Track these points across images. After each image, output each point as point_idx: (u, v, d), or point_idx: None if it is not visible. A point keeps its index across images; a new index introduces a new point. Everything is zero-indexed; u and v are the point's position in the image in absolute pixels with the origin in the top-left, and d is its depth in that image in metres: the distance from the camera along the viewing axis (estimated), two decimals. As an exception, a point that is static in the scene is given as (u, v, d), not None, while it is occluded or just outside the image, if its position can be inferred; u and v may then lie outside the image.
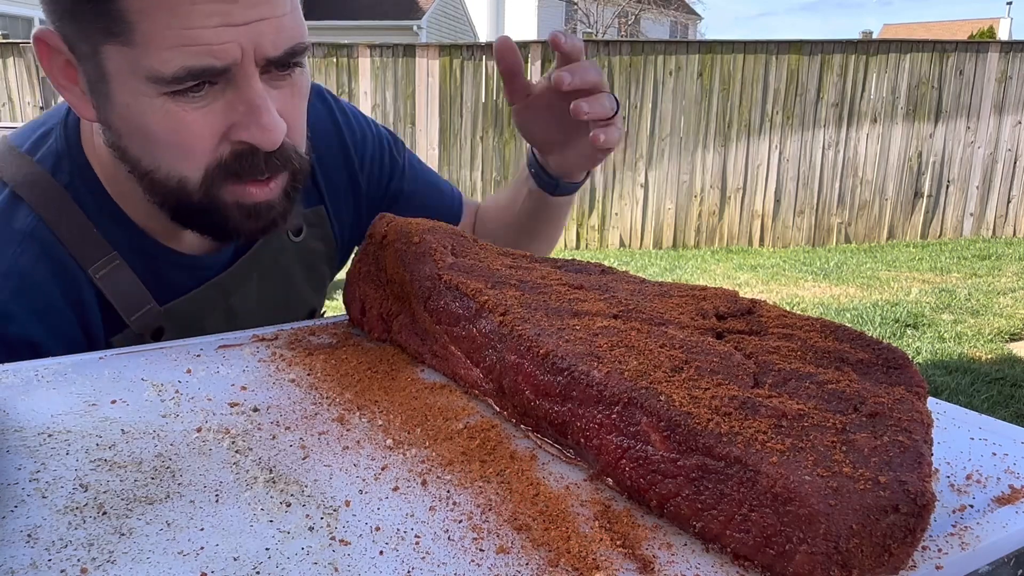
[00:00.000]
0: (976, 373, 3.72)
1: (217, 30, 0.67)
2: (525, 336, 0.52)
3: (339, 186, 1.01)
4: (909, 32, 35.22)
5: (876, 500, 0.37)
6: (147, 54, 0.68)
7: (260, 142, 0.72)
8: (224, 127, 0.72)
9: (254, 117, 0.71)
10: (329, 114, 1.01)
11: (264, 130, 0.71)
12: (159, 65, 0.68)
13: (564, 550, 0.40)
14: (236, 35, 0.68)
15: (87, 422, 0.54)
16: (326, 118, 1.00)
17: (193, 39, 0.67)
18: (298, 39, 0.73)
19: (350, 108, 1.06)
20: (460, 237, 0.71)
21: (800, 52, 6.96)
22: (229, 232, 0.79)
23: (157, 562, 0.39)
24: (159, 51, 0.68)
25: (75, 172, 0.82)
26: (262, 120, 0.71)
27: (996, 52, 7.13)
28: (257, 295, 0.92)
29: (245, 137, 0.72)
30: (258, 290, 0.92)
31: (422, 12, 16.92)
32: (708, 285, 0.63)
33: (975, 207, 7.37)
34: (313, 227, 0.97)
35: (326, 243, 1.00)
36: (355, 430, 0.53)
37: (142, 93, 0.70)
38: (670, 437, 0.42)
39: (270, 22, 0.70)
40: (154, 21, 0.67)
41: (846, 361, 0.49)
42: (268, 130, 0.72)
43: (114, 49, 0.69)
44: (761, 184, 7.15)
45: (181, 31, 0.67)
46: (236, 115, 0.72)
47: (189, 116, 0.71)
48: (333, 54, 6.88)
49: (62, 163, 0.82)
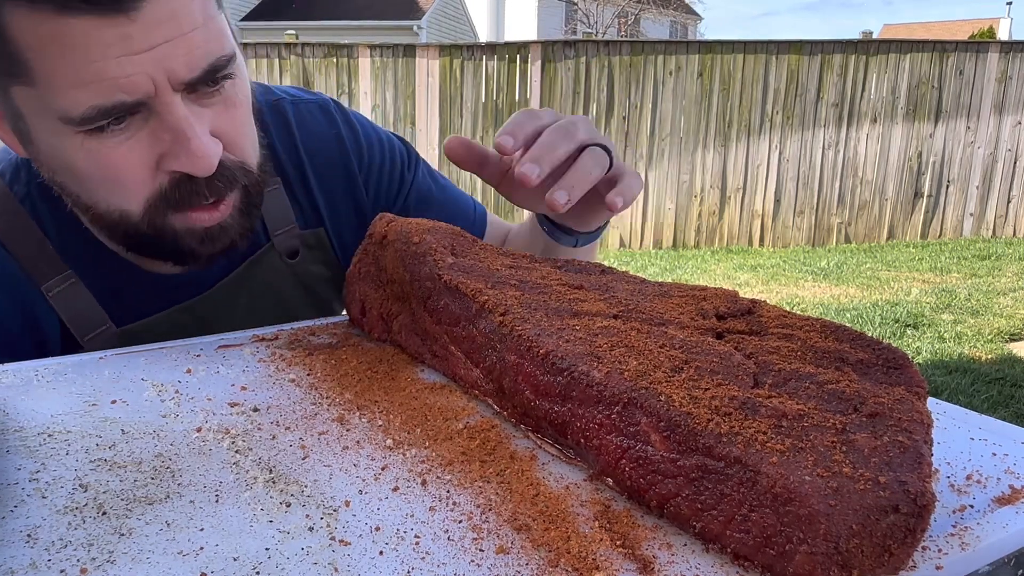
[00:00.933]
0: (976, 373, 3.72)
1: (119, 61, 0.62)
2: (525, 336, 0.52)
3: (340, 205, 0.95)
4: (909, 32, 35.22)
5: (876, 500, 0.37)
6: (52, 94, 0.63)
7: (193, 170, 0.68)
8: (154, 158, 0.68)
9: (182, 146, 0.67)
10: (331, 126, 0.96)
11: (195, 157, 0.67)
12: (67, 106, 0.63)
13: (564, 550, 0.40)
14: (142, 64, 0.63)
15: (87, 422, 0.54)
16: (327, 132, 0.95)
17: (95, 74, 0.62)
18: (216, 54, 0.67)
19: (358, 119, 1.00)
20: (460, 237, 0.70)
21: (800, 52, 6.96)
22: (186, 256, 0.75)
23: (157, 562, 0.39)
24: (63, 90, 0.62)
25: (33, 185, 0.78)
26: (191, 147, 0.66)
27: (996, 52, 7.14)
28: (246, 318, 0.86)
29: (176, 167, 0.68)
30: (248, 313, 0.87)
31: (422, 12, 16.92)
32: (708, 285, 0.63)
33: (975, 207, 7.37)
34: (312, 249, 0.92)
35: (329, 267, 0.95)
36: (355, 430, 0.53)
37: (59, 132, 0.66)
38: (670, 437, 0.42)
39: (178, 43, 0.64)
40: (50, 59, 0.62)
41: (846, 361, 0.49)
42: (199, 156, 0.67)
43: (21, 90, 0.65)
44: (761, 184, 7.15)
45: (80, 67, 0.62)
46: (163, 144, 0.67)
47: (114, 153, 0.66)
48: (333, 54, 6.88)
49: (20, 175, 0.79)
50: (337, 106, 0.98)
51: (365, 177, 0.97)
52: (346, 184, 0.95)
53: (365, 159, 0.97)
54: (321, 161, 0.93)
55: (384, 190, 0.98)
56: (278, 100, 0.94)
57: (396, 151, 1.00)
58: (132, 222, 0.71)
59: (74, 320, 0.78)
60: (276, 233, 0.89)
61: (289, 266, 0.90)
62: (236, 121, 0.73)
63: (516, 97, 6.99)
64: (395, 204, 1.00)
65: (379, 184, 0.98)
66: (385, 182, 0.98)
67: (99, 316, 0.79)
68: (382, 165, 0.98)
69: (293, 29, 9.55)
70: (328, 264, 0.94)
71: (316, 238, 0.93)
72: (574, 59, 6.93)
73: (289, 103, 0.94)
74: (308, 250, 0.92)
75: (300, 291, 0.92)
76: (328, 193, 0.94)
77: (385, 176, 0.98)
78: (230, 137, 0.72)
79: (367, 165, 0.97)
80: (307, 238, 0.92)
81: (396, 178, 0.99)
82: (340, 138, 0.95)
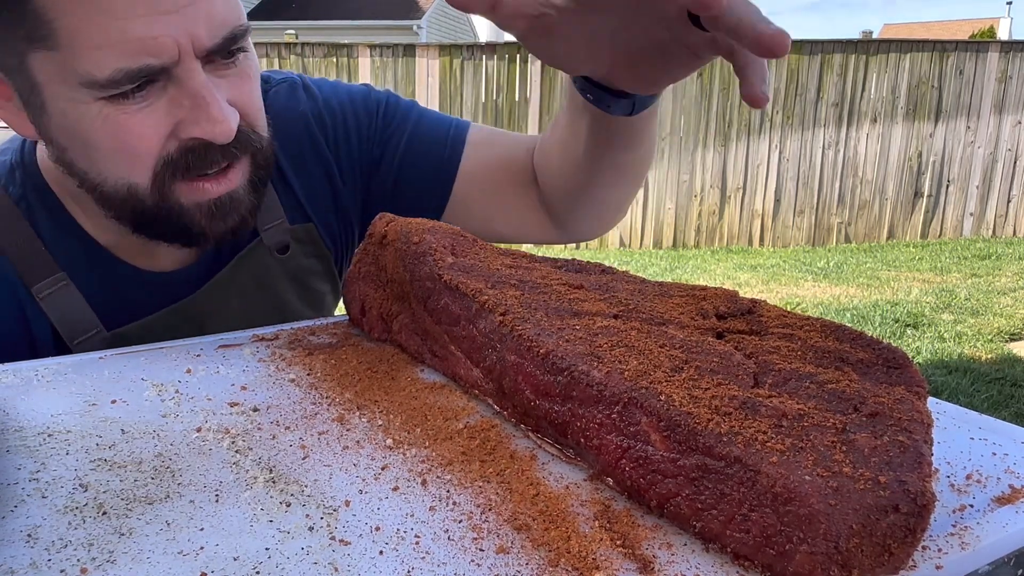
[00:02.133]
0: (976, 373, 3.72)
1: (147, 20, 0.62)
2: (525, 336, 0.51)
3: (318, 190, 0.92)
4: (909, 32, 35.23)
5: (876, 500, 0.37)
6: (75, 56, 0.63)
7: (213, 136, 0.68)
8: (170, 126, 0.68)
9: (203, 112, 0.67)
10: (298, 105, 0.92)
11: (215, 122, 0.67)
12: (91, 68, 0.63)
13: (564, 550, 0.40)
14: (168, 26, 0.63)
15: (87, 422, 0.54)
16: (295, 113, 0.91)
17: (123, 33, 0.62)
18: (235, 23, 0.69)
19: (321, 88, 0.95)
20: (460, 237, 0.71)
21: (800, 52, 6.96)
22: (195, 236, 0.75)
23: (157, 562, 0.39)
24: (88, 52, 0.63)
25: (28, 186, 0.78)
26: (212, 113, 0.67)
27: (996, 52, 7.14)
28: (240, 317, 0.86)
29: (196, 133, 0.68)
30: (240, 311, 0.86)
31: (422, 12, 16.92)
32: (708, 285, 0.63)
33: (975, 207, 7.37)
34: (303, 244, 0.91)
35: (321, 260, 0.93)
36: (355, 430, 0.53)
37: (77, 100, 0.65)
38: (670, 437, 0.42)
39: (200, 7, 0.65)
40: (76, 16, 0.62)
41: (846, 361, 0.49)
42: (220, 121, 0.67)
43: (40, 56, 0.65)
44: (761, 184, 7.15)
45: (108, 25, 0.62)
46: (182, 111, 0.68)
47: (131, 120, 0.66)
48: (333, 54, 6.88)
49: (14, 176, 0.78)
50: (303, 81, 0.95)
51: (335, 148, 0.93)
52: (318, 164, 0.92)
53: (330, 132, 0.93)
54: (291, 146, 0.90)
55: (356, 152, 0.94)
56: None
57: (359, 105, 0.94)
58: (139, 196, 0.71)
59: (64, 323, 0.78)
60: (265, 228, 0.88)
61: (280, 261, 0.89)
62: (249, 94, 0.73)
63: (516, 97, 6.99)
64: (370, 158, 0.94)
65: (349, 149, 0.94)
66: (355, 142, 0.94)
67: (89, 320, 0.78)
68: (347, 128, 0.94)
69: (293, 29, 9.56)
70: (320, 257, 0.93)
71: (306, 232, 0.91)
72: (574, 59, 6.93)
73: None
74: (299, 244, 0.91)
75: (293, 286, 0.91)
76: (304, 178, 0.92)
77: (353, 136, 0.94)
78: (243, 107, 0.72)
79: (333, 138, 0.93)
80: (297, 232, 0.90)
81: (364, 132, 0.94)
82: (305, 115, 0.92)
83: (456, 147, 0.93)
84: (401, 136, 0.94)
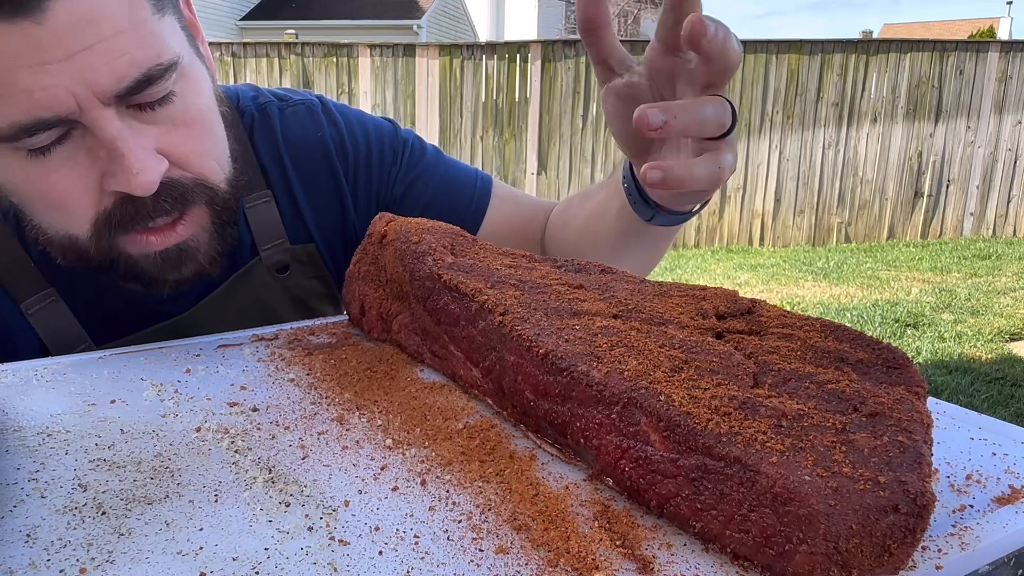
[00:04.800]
0: (976, 373, 3.72)
1: (31, 70, 0.56)
2: (525, 336, 0.51)
3: (327, 213, 0.91)
4: (909, 32, 35.23)
5: (876, 500, 0.36)
6: None
7: (131, 188, 0.63)
8: (96, 178, 0.64)
9: (117, 163, 0.62)
10: (317, 128, 0.90)
11: (131, 175, 0.61)
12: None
13: (564, 550, 0.40)
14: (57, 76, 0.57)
15: (86, 422, 0.54)
16: (313, 136, 0.90)
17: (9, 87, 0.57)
18: (148, 62, 0.61)
19: (344, 115, 0.93)
20: (460, 236, 0.70)
21: (800, 52, 6.96)
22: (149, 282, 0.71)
23: (156, 562, 0.39)
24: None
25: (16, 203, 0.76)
26: (126, 164, 0.61)
27: (996, 52, 7.14)
28: None
29: (114, 186, 0.63)
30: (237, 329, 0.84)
31: (422, 12, 16.92)
32: (708, 285, 0.63)
33: (975, 207, 7.37)
34: (304, 264, 0.88)
35: (322, 281, 0.91)
36: (354, 430, 0.53)
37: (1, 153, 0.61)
38: (670, 437, 0.42)
39: (97, 49, 0.58)
40: None
41: (846, 361, 0.49)
42: (135, 173, 0.61)
43: None
44: (761, 184, 7.15)
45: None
46: (102, 163, 0.63)
47: (54, 175, 0.62)
48: (333, 54, 6.88)
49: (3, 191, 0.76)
50: (323, 105, 0.93)
51: (353, 179, 0.92)
52: (333, 191, 0.91)
53: (351, 163, 0.92)
54: (307, 168, 0.89)
55: (375, 187, 0.93)
56: (266, 104, 0.90)
57: (385, 142, 0.94)
58: (81, 246, 0.68)
59: (53, 339, 0.77)
60: (264, 248, 0.87)
61: (279, 280, 0.87)
62: (189, 138, 0.67)
63: (516, 97, 6.99)
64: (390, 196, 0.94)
65: (368, 182, 0.93)
66: (375, 178, 0.93)
67: (78, 335, 0.77)
68: (369, 162, 0.92)
69: (293, 29, 9.56)
70: (321, 278, 0.91)
71: (307, 253, 0.89)
72: (574, 58, 6.93)
73: (276, 107, 0.90)
74: (299, 265, 0.88)
75: (292, 306, 0.89)
76: (315, 202, 0.90)
77: (375, 172, 0.93)
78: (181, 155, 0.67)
79: (353, 166, 0.92)
80: (297, 252, 0.88)
81: (387, 169, 0.93)
82: (325, 141, 0.90)
83: (483, 199, 0.95)
84: (428, 180, 0.94)
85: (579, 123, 6.97)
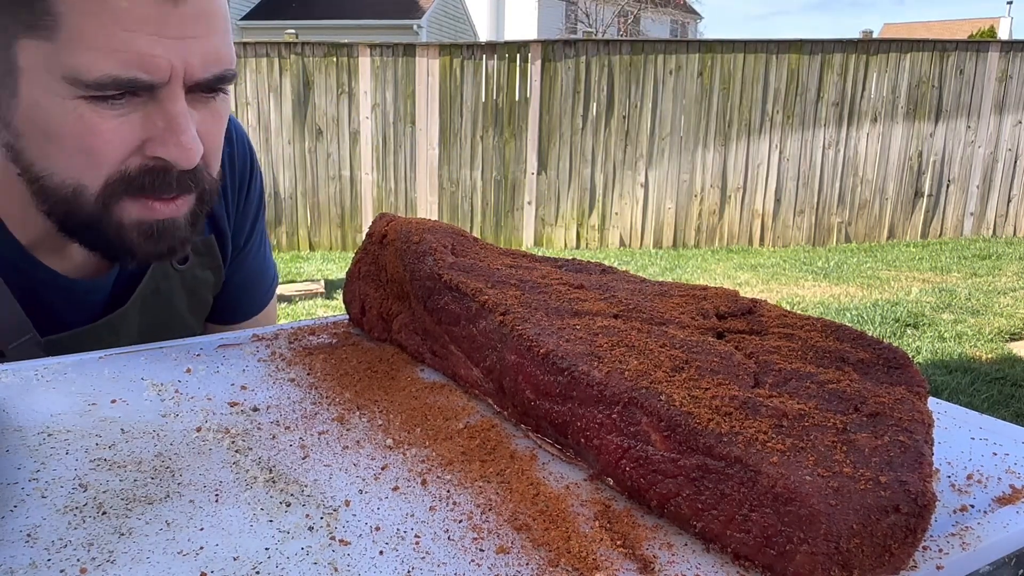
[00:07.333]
0: (976, 373, 3.72)
1: (149, 39, 0.65)
2: (525, 336, 0.51)
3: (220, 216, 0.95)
4: (909, 31, 35.22)
5: (877, 500, 0.36)
6: (70, 52, 0.64)
7: (177, 159, 0.69)
8: (138, 140, 0.69)
9: (174, 135, 0.69)
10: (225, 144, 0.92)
11: (183, 148, 0.69)
12: (82, 67, 0.64)
13: (564, 550, 0.40)
14: (167, 49, 0.66)
15: (87, 422, 0.54)
16: None
17: (123, 43, 0.64)
18: (227, 65, 0.72)
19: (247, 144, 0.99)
20: (460, 236, 0.70)
21: (800, 51, 6.96)
22: (121, 252, 0.74)
23: (157, 562, 0.39)
24: (84, 51, 0.64)
25: None
26: (182, 138, 0.69)
27: (996, 51, 7.13)
28: (139, 322, 0.87)
29: (161, 153, 0.69)
30: (140, 317, 0.88)
31: (422, 11, 16.91)
32: (708, 285, 0.63)
33: (975, 206, 7.37)
34: (201, 256, 0.92)
35: (215, 273, 0.95)
36: (355, 430, 0.53)
37: (56, 92, 0.66)
38: (670, 437, 0.42)
39: (202, 42, 0.68)
40: (83, 16, 0.64)
41: (847, 361, 0.49)
42: (187, 148, 0.69)
43: (32, 43, 0.65)
44: (761, 184, 7.15)
45: (114, 32, 0.64)
46: (154, 130, 0.69)
47: (104, 124, 0.67)
48: (333, 54, 6.87)
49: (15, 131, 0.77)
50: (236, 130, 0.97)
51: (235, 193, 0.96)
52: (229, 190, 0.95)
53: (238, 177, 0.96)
54: None
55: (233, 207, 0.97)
56: None
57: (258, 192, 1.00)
58: (81, 200, 0.70)
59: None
60: None
61: (178, 272, 0.91)
62: (215, 134, 0.75)
63: (516, 96, 6.99)
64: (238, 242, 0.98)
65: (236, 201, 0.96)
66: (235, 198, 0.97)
67: (23, 324, 0.78)
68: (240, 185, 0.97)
69: (293, 28, 9.55)
70: (214, 270, 0.95)
71: (206, 245, 0.93)
72: (574, 58, 6.93)
73: None
74: (197, 256, 0.92)
75: (186, 295, 0.92)
76: None
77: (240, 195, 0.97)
78: (208, 144, 0.73)
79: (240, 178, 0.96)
80: (197, 245, 0.92)
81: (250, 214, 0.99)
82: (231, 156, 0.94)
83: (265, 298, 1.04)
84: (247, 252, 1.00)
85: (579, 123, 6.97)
